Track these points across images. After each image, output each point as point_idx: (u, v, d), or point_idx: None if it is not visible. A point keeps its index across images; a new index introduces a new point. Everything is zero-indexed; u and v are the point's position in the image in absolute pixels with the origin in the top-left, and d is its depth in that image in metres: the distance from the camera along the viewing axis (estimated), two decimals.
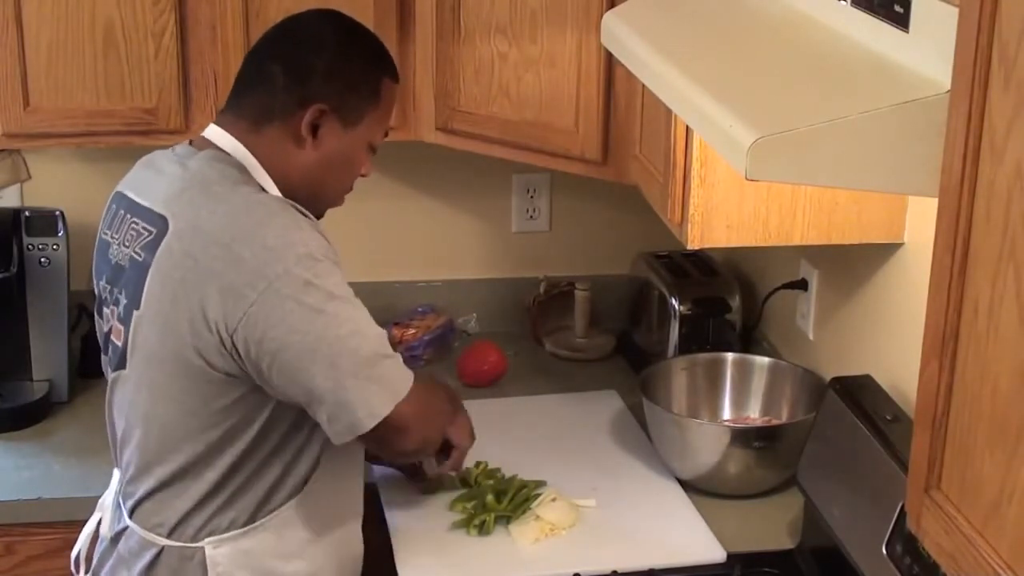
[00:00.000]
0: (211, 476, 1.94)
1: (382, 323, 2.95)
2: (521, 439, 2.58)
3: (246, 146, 1.94)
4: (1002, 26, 1.14)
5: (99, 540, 2.12)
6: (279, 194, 1.94)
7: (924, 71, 1.43)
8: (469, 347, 2.91)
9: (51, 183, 2.91)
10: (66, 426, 2.66)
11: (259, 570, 1.98)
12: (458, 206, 3.09)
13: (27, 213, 2.73)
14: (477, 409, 2.68)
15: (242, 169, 1.93)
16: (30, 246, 2.70)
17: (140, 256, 1.90)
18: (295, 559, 2.00)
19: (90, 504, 2.32)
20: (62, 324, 2.71)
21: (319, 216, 2.02)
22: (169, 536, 1.96)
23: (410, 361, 2.89)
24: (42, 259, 2.70)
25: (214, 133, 1.97)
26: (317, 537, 2.02)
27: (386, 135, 2.07)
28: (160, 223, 1.89)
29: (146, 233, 1.91)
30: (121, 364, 1.96)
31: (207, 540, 1.95)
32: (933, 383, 1.27)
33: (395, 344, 2.93)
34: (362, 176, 2.07)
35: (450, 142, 2.63)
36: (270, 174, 1.94)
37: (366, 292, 2.99)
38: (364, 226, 3.04)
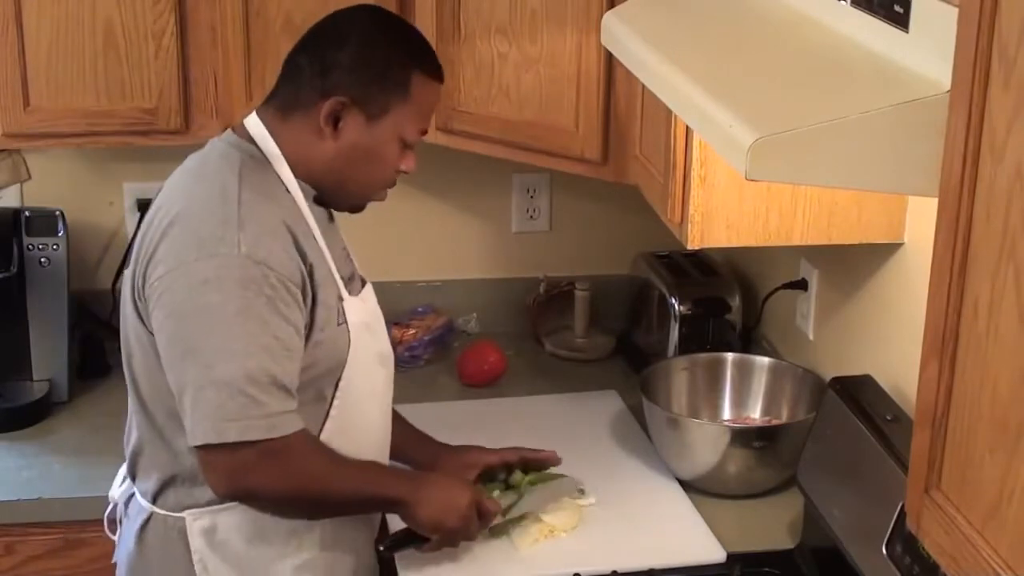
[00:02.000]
0: (180, 445, 1.92)
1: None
2: (521, 439, 2.57)
3: (272, 133, 1.96)
4: (1002, 26, 1.14)
5: (112, 507, 2.16)
6: (295, 187, 1.95)
7: (924, 71, 1.43)
8: (469, 347, 2.91)
9: (51, 183, 2.91)
10: (66, 426, 2.66)
11: (236, 547, 1.97)
12: (458, 206, 3.09)
13: (27, 213, 2.73)
14: (477, 409, 2.69)
15: (253, 155, 1.95)
16: (30, 246, 2.70)
17: (136, 238, 1.99)
18: (275, 547, 1.98)
19: (90, 504, 2.32)
20: (62, 324, 2.71)
21: (358, 209, 2.07)
22: (154, 503, 1.99)
23: (410, 361, 2.92)
24: (42, 259, 2.70)
25: (250, 120, 2.00)
26: (303, 526, 1.99)
27: (423, 132, 2.02)
28: (155, 205, 1.97)
29: (147, 218, 1.99)
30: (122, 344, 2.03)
31: (187, 512, 1.96)
32: (933, 383, 1.27)
33: (395, 344, 2.94)
34: (403, 172, 2.03)
35: (450, 142, 2.63)
36: (292, 162, 1.95)
37: None
38: (364, 226, 3.02)
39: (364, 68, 1.94)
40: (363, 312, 2.05)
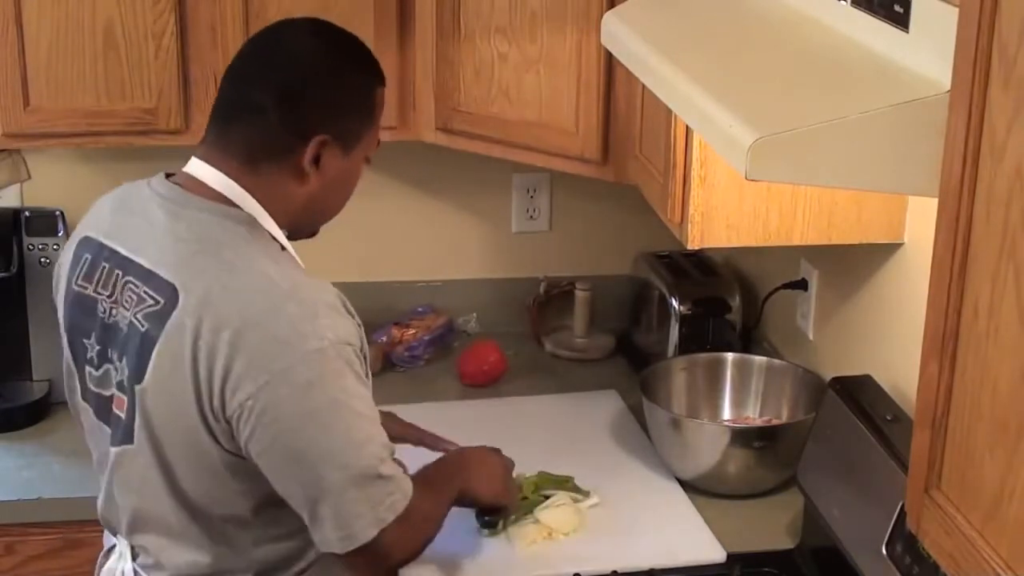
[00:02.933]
0: (247, 545, 1.85)
1: (382, 323, 3.00)
2: (521, 439, 2.58)
3: (244, 187, 1.81)
4: (1002, 26, 1.14)
5: None
6: (284, 239, 1.84)
7: (924, 71, 1.43)
8: (469, 347, 2.91)
9: (51, 183, 2.91)
10: (66, 426, 2.64)
11: None
12: (458, 206, 3.09)
13: (27, 213, 2.73)
14: (477, 409, 2.69)
15: (250, 223, 1.80)
16: (30, 246, 2.70)
17: (143, 326, 1.76)
18: None
19: (90, 504, 2.31)
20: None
21: (314, 234, 1.97)
22: None
23: (410, 361, 2.93)
24: (42, 259, 2.70)
25: (204, 172, 1.82)
26: None
27: (378, 143, 1.96)
28: (169, 292, 1.75)
29: (151, 301, 1.76)
30: (127, 438, 1.82)
31: None
32: (933, 383, 1.27)
33: (395, 344, 2.94)
34: None
35: (450, 142, 2.63)
36: (270, 211, 1.82)
37: (366, 292, 3.02)
38: (365, 226, 3.04)
39: (338, 102, 1.84)
40: None
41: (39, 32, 2.49)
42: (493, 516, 2.18)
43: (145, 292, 1.77)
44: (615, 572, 2.15)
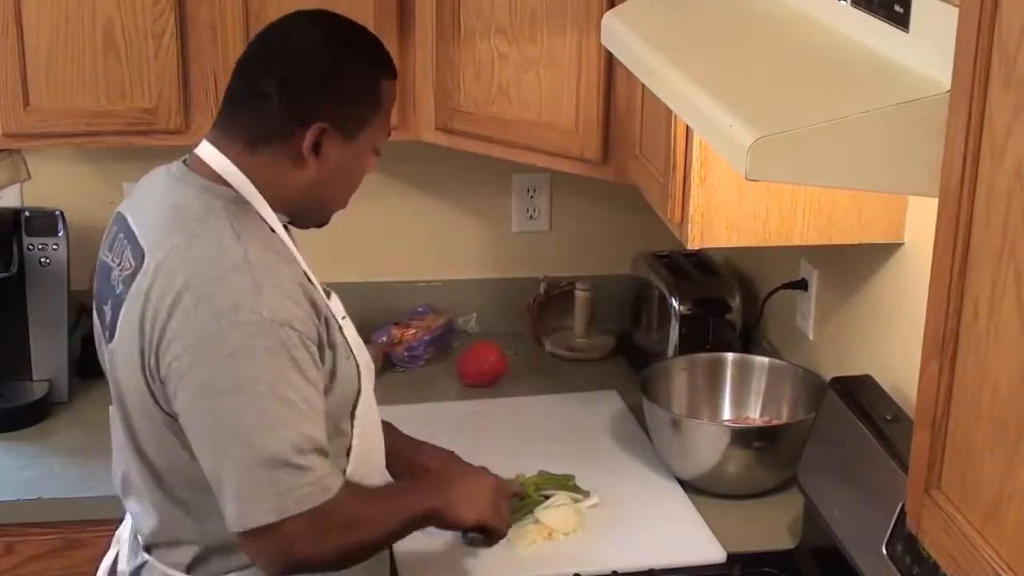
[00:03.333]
0: (208, 516, 1.84)
1: (382, 323, 3.00)
2: (521, 439, 2.58)
3: (241, 168, 1.84)
4: (1002, 26, 1.14)
5: (118, 574, 2.04)
6: (276, 222, 1.86)
7: (924, 71, 1.43)
8: (469, 347, 2.91)
9: (51, 183, 2.91)
10: (66, 426, 2.66)
11: None
12: (458, 206, 3.09)
13: (27, 213, 2.73)
14: (477, 409, 2.68)
15: (233, 200, 1.83)
16: (30, 246, 2.70)
17: (119, 288, 1.84)
18: None
19: (90, 504, 2.32)
20: (62, 324, 2.71)
21: (324, 222, 1.97)
22: (188, 573, 1.90)
23: (410, 361, 2.93)
24: (42, 259, 2.70)
25: (208, 153, 1.87)
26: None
27: (388, 134, 1.98)
28: (139, 258, 1.82)
29: (129, 266, 1.84)
30: (113, 400, 1.91)
31: (232, 574, 1.88)
32: (933, 383, 1.27)
33: (395, 344, 2.94)
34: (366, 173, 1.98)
35: (450, 142, 2.63)
36: (267, 195, 1.85)
37: (366, 292, 3.03)
38: (364, 226, 3.04)
39: (338, 90, 1.85)
40: (351, 328, 1.94)
41: (39, 32, 2.49)
42: (476, 534, 2.10)
43: (128, 258, 1.85)
44: (615, 572, 2.15)
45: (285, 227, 1.91)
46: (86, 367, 2.79)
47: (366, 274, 3.06)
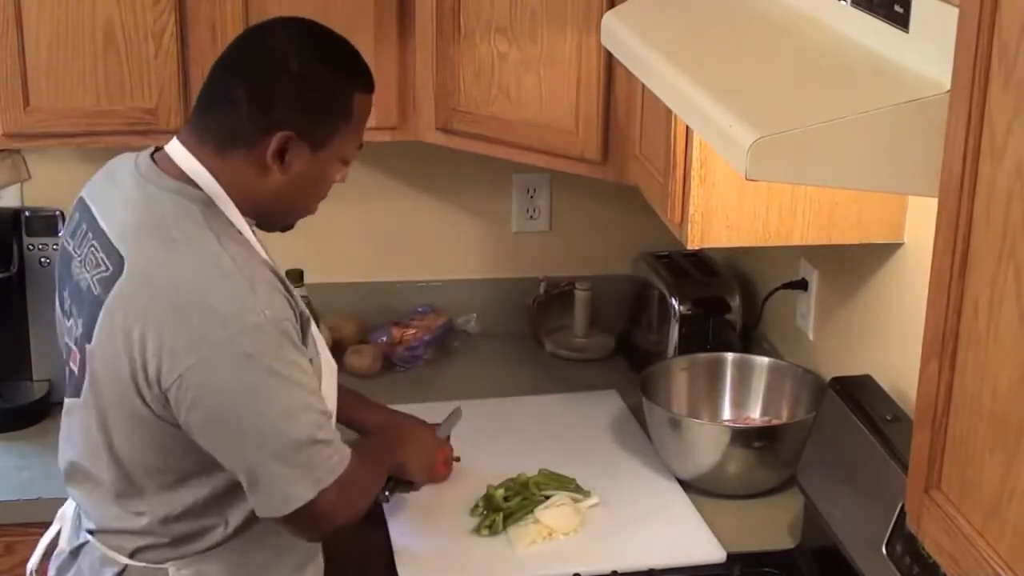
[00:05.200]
0: (176, 508, 1.89)
1: (382, 323, 3.00)
2: (521, 439, 2.58)
3: (210, 171, 1.86)
4: (1002, 26, 1.14)
5: (57, 552, 2.07)
6: (243, 224, 1.87)
7: (924, 71, 1.43)
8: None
9: (51, 183, 2.91)
10: None
11: None
12: (458, 206, 3.09)
13: (27, 213, 2.73)
14: (477, 409, 2.68)
15: (206, 203, 1.84)
16: (30, 246, 2.70)
17: (96, 289, 1.84)
18: (263, 573, 1.97)
19: None
20: None
21: (289, 227, 1.99)
22: (132, 558, 1.94)
23: (410, 361, 2.93)
24: (42, 259, 2.70)
25: (178, 153, 1.88)
26: (284, 549, 1.98)
27: (360, 146, 1.96)
28: (116, 261, 1.82)
29: (103, 267, 1.84)
30: (76, 392, 1.90)
31: (171, 563, 1.92)
32: (933, 383, 1.27)
33: (395, 344, 2.94)
34: (337, 182, 1.98)
35: (450, 142, 2.63)
36: (236, 199, 1.86)
37: (366, 292, 3.03)
38: (364, 226, 3.04)
39: (308, 99, 1.85)
40: (314, 325, 1.97)
41: (39, 32, 2.49)
42: (402, 487, 2.24)
43: (101, 258, 1.85)
44: (615, 572, 2.15)
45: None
46: None
47: (366, 274, 3.06)
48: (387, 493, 2.20)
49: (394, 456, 2.19)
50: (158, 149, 1.93)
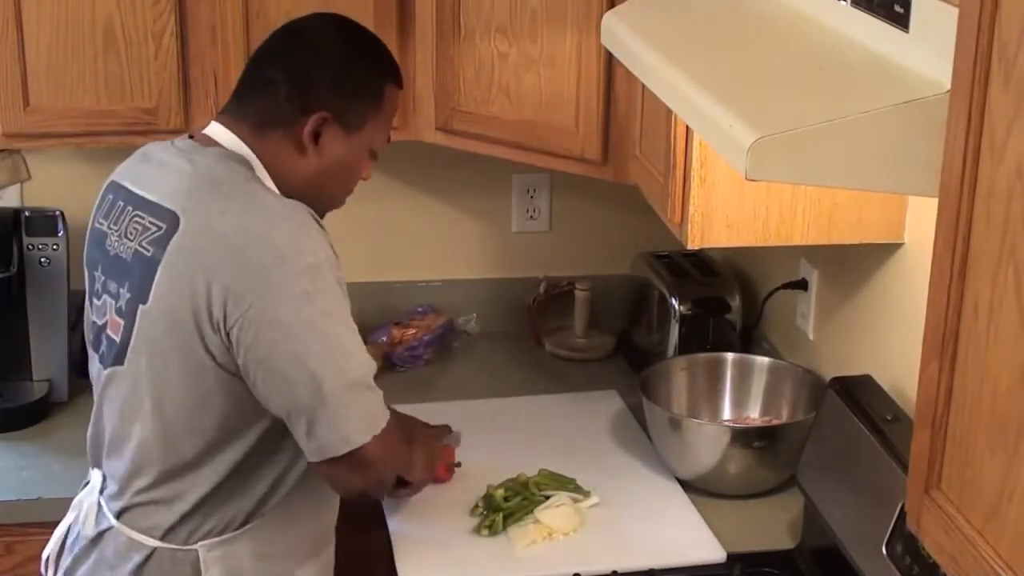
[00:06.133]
0: (211, 477, 1.93)
1: (382, 323, 3.00)
2: (521, 439, 2.58)
3: (250, 148, 1.95)
4: (1002, 26, 1.14)
5: (73, 541, 2.07)
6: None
7: (924, 71, 1.43)
8: None
9: (51, 183, 2.91)
10: (66, 426, 2.66)
11: (250, 570, 1.97)
12: (458, 206, 3.09)
13: (27, 213, 2.73)
14: (477, 409, 2.69)
15: (250, 167, 1.93)
16: (30, 246, 2.70)
17: (148, 251, 1.89)
18: (281, 563, 2.00)
19: None
20: (62, 324, 2.71)
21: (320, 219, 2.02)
22: (163, 539, 1.95)
23: (410, 361, 2.93)
24: (42, 259, 2.70)
25: (217, 131, 1.97)
26: (303, 534, 2.02)
27: (388, 140, 2.07)
28: (170, 219, 1.88)
29: (154, 228, 1.89)
30: (119, 360, 1.94)
31: (201, 543, 1.95)
32: (933, 383, 1.27)
33: (395, 344, 2.94)
34: (363, 179, 2.08)
35: (450, 142, 2.63)
36: (272, 178, 1.95)
37: (366, 292, 3.02)
38: (364, 226, 3.04)
39: (344, 84, 1.97)
40: None
41: (39, 32, 2.49)
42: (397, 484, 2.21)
43: (150, 221, 1.91)
44: (615, 572, 2.15)
45: None
46: (86, 367, 2.79)
47: (366, 274, 3.06)
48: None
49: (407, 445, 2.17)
50: (191, 136, 2.01)
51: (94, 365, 2.04)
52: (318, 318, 1.83)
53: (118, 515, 1.99)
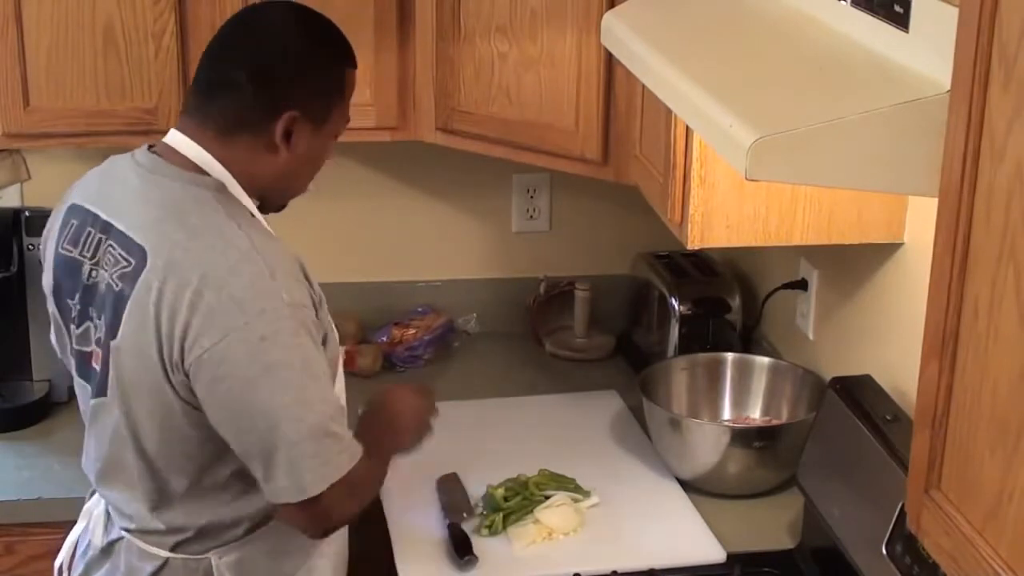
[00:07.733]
0: (210, 505, 1.92)
1: (382, 323, 3.00)
2: (521, 439, 2.58)
3: (216, 157, 1.88)
4: (1002, 26, 1.14)
5: (85, 549, 2.07)
6: (252, 207, 1.90)
7: (924, 71, 1.43)
8: None
9: (51, 183, 2.90)
10: (66, 426, 2.65)
11: (265, 567, 1.97)
12: (458, 206, 3.09)
13: (27, 213, 2.73)
14: (477, 409, 2.69)
15: (218, 189, 1.87)
16: (30, 246, 2.70)
17: (118, 286, 1.85)
18: (295, 558, 2.00)
19: None
20: None
21: (283, 207, 2.02)
22: (173, 551, 1.95)
23: (410, 361, 2.93)
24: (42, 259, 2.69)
25: (179, 141, 1.90)
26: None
27: (348, 121, 2.01)
28: (139, 254, 1.84)
29: (124, 262, 1.85)
30: (101, 391, 1.92)
31: (213, 552, 1.94)
32: (933, 383, 1.27)
33: (395, 344, 2.94)
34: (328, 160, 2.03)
35: (450, 142, 2.63)
36: (241, 182, 1.89)
37: (366, 292, 3.03)
38: (364, 226, 3.04)
39: (308, 79, 1.91)
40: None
41: (39, 32, 2.49)
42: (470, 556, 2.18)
43: (120, 254, 1.86)
44: (615, 572, 2.15)
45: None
46: None
47: (366, 274, 3.06)
48: (466, 560, 2.19)
49: (393, 444, 2.08)
50: (151, 146, 1.95)
51: (84, 393, 1.99)
52: (277, 364, 1.78)
53: (127, 529, 1.98)
